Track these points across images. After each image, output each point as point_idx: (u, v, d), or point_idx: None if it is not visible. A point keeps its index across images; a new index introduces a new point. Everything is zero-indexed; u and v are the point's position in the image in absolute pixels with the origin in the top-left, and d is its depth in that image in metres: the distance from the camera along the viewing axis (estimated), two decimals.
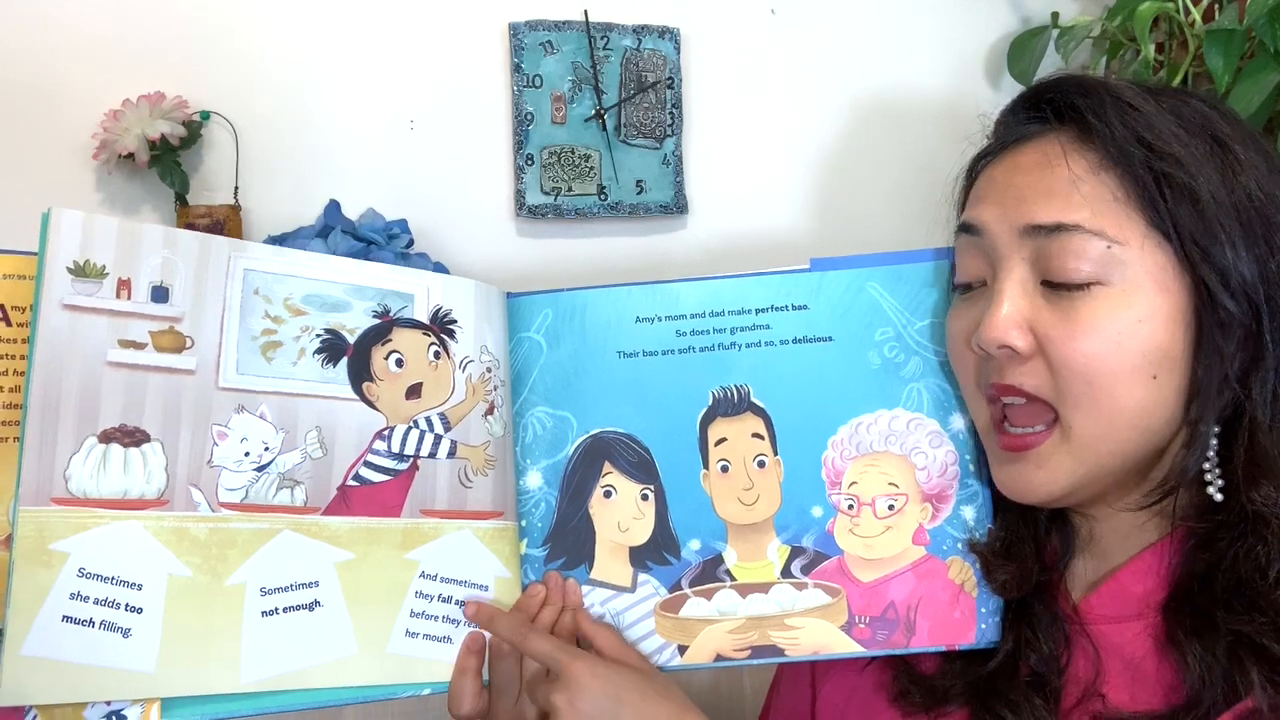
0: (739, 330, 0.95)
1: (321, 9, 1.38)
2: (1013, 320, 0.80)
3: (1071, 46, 1.37)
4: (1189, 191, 0.78)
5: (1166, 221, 0.78)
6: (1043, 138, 0.84)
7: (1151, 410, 0.79)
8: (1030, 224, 0.81)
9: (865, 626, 0.90)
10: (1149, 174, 0.78)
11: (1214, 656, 0.77)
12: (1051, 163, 0.81)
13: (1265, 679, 0.74)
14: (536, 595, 0.91)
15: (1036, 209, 0.81)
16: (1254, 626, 0.76)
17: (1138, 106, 0.81)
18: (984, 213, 0.84)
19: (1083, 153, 0.81)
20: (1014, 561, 0.88)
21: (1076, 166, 0.80)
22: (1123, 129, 0.79)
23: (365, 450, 0.88)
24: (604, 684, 0.83)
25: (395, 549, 0.88)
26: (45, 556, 0.77)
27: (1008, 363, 0.81)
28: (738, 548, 0.93)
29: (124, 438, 0.80)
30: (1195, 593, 0.80)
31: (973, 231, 0.85)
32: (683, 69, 1.44)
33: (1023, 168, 0.83)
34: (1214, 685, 0.76)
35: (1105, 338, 0.78)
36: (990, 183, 0.86)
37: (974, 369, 0.86)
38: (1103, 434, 0.80)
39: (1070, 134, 0.82)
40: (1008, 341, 0.80)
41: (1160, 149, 0.79)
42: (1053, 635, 0.86)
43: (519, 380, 0.96)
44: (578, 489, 0.94)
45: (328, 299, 0.88)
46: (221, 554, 0.82)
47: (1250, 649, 0.76)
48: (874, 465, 0.93)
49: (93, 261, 0.80)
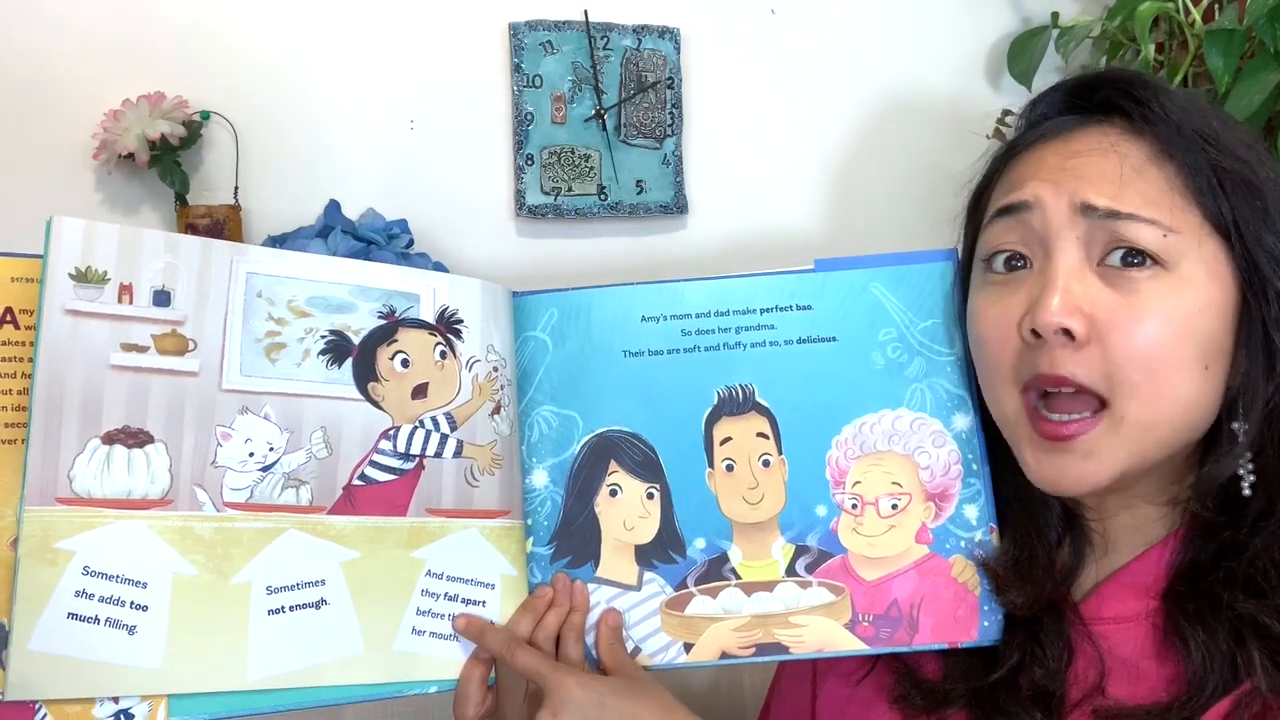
0: (744, 330, 0.95)
1: (322, 9, 1.38)
2: (1070, 302, 0.77)
3: (1071, 46, 1.38)
4: (1246, 184, 0.78)
5: (1227, 214, 0.78)
6: (1094, 127, 0.83)
7: (1201, 402, 0.79)
8: (1089, 202, 0.79)
9: (869, 624, 0.91)
10: (1207, 166, 0.78)
11: (1216, 641, 0.77)
12: (1113, 148, 0.80)
13: (1267, 658, 0.75)
14: (544, 597, 0.91)
15: (1097, 188, 0.79)
16: (1260, 608, 0.76)
17: (1183, 101, 0.81)
18: (1036, 189, 0.82)
19: (1135, 143, 0.80)
20: (1028, 583, 0.87)
21: (1132, 157, 0.79)
22: (1177, 121, 0.79)
23: (371, 450, 0.88)
24: (588, 693, 0.83)
25: (401, 547, 0.88)
26: (51, 555, 0.77)
27: (1060, 350, 0.78)
28: (743, 546, 0.93)
29: (127, 439, 0.80)
30: (1202, 579, 0.80)
31: (1021, 209, 0.82)
32: (683, 69, 1.44)
33: (1079, 151, 0.82)
34: (1216, 669, 0.76)
35: (1168, 323, 0.77)
36: (1040, 163, 0.83)
37: (1011, 356, 0.83)
38: (1155, 424, 0.78)
39: (1121, 126, 0.81)
40: (1067, 325, 0.77)
41: (1217, 142, 0.79)
42: (1058, 647, 0.85)
43: (525, 379, 0.96)
44: (583, 487, 0.94)
45: (332, 300, 0.89)
46: (226, 553, 0.82)
47: (1253, 629, 0.76)
48: (878, 464, 0.93)
49: (94, 267, 0.81)
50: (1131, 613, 0.83)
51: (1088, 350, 0.78)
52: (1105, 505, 0.87)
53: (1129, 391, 0.77)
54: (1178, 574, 0.82)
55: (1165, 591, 0.82)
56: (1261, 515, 0.79)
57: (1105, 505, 0.87)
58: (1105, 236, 0.78)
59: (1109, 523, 0.87)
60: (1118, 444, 0.78)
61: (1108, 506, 0.87)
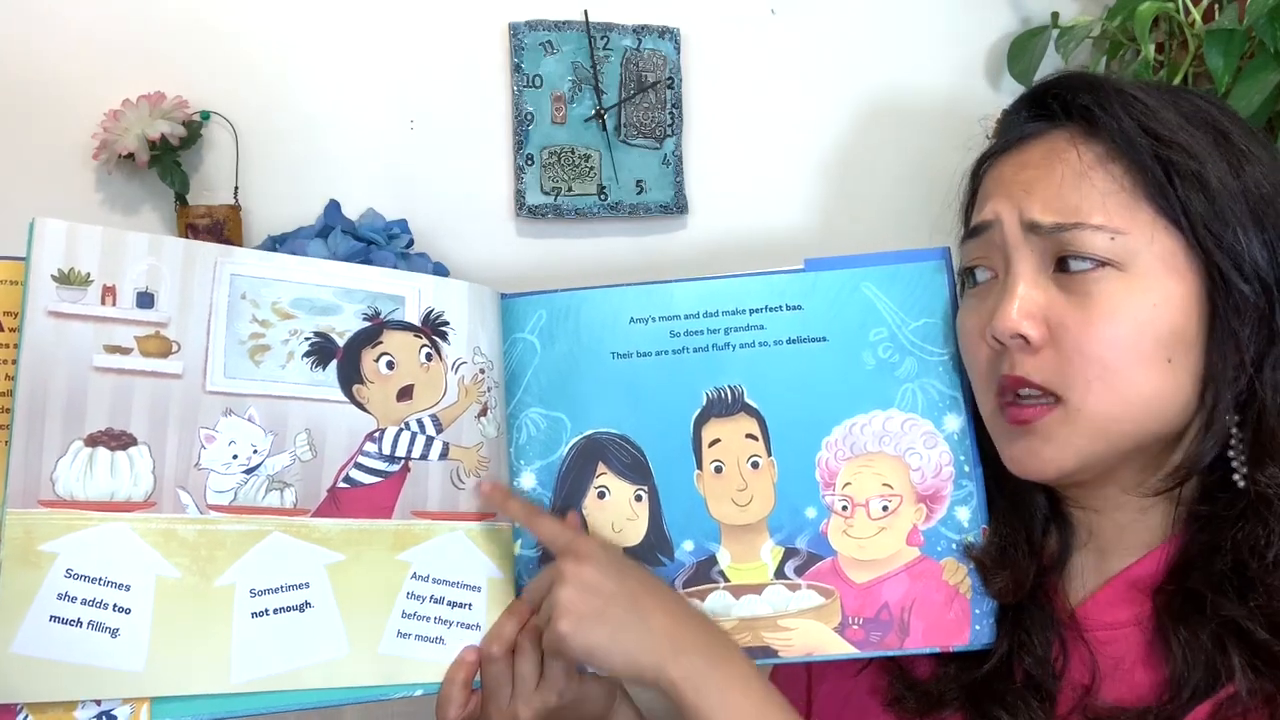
0: (733, 331, 0.95)
1: (322, 9, 1.38)
2: (1025, 310, 0.81)
3: (1071, 46, 1.37)
4: (1197, 178, 0.79)
5: (1176, 208, 0.79)
6: (1049, 134, 0.85)
7: (1167, 394, 0.80)
8: (1034, 220, 0.82)
9: (859, 628, 0.90)
10: (1156, 162, 0.79)
11: (1198, 642, 0.77)
12: (1059, 157, 0.82)
13: (1246, 664, 0.75)
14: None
15: (1043, 204, 0.82)
16: (1242, 611, 0.76)
17: (1141, 99, 0.82)
18: (996, 207, 0.85)
19: (1090, 145, 0.82)
20: (1008, 568, 0.88)
21: (1084, 159, 0.81)
22: (1129, 120, 0.81)
23: (356, 452, 0.88)
24: (612, 554, 0.86)
25: (386, 550, 0.88)
26: (33, 557, 0.78)
27: (1019, 354, 0.82)
28: (731, 549, 0.92)
29: (110, 441, 0.80)
30: (1188, 576, 0.80)
31: (983, 229, 0.86)
32: (683, 69, 1.43)
33: (1030, 163, 0.84)
34: (1196, 672, 0.77)
35: (1122, 321, 0.79)
36: (998, 180, 0.87)
37: (985, 361, 0.86)
38: (1117, 416, 0.80)
39: (1077, 129, 0.83)
40: (1020, 331, 0.81)
41: (1167, 138, 0.80)
42: (1047, 637, 0.86)
43: (513, 381, 0.96)
44: (571, 490, 0.94)
45: (317, 302, 0.88)
46: (210, 555, 0.82)
47: (1235, 634, 0.76)
48: (868, 466, 0.92)
49: (77, 269, 0.81)
50: (1127, 618, 0.83)
51: (1044, 353, 0.81)
52: (1085, 496, 0.87)
53: (1083, 387, 0.79)
54: (1169, 572, 0.82)
55: (1156, 589, 0.82)
56: (1246, 508, 0.79)
57: (1085, 496, 0.87)
58: (1055, 247, 0.81)
59: (1096, 520, 0.88)
60: (1074, 433, 0.81)
61: (1089, 498, 0.87)
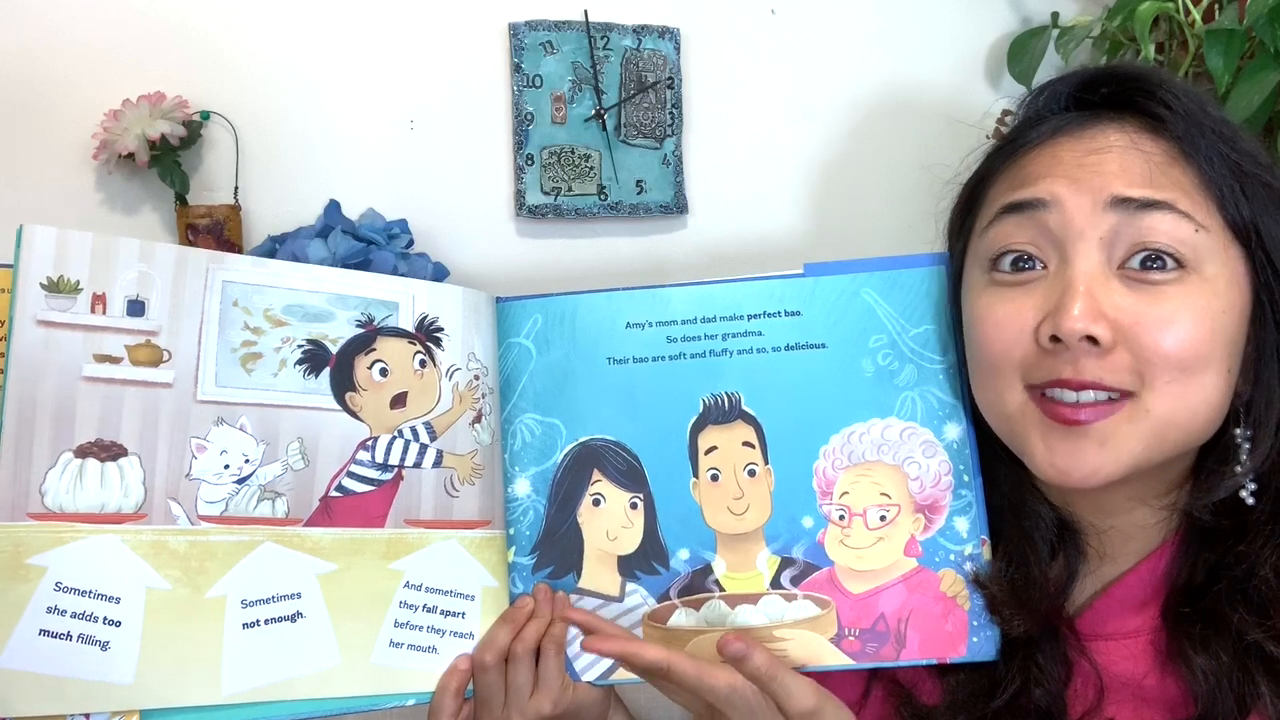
0: (731, 336, 0.94)
1: (322, 9, 1.37)
2: (1093, 309, 0.74)
3: (1071, 46, 1.36)
4: (1266, 187, 0.76)
5: (1245, 217, 0.76)
6: (1106, 123, 0.80)
7: (1221, 405, 0.77)
8: (1119, 196, 0.75)
9: (855, 639, 0.89)
10: (1229, 170, 0.76)
11: (1221, 666, 0.75)
12: (1131, 145, 0.77)
13: (1275, 692, 0.73)
14: (524, 608, 0.90)
15: (1127, 181, 0.76)
16: (1264, 633, 0.74)
17: (1198, 98, 0.78)
18: (1052, 187, 0.78)
19: (1156, 141, 0.77)
20: (1026, 608, 0.84)
21: (1163, 151, 0.77)
22: (1196, 119, 0.77)
23: (348, 461, 0.88)
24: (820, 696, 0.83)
25: (379, 559, 0.87)
26: (22, 571, 0.77)
27: (1085, 357, 0.75)
28: (727, 558, 0.92)
29: (100, 452, 0.80)
30: (1202, 597, 0.78)
31: (1034, 207, 0.79)
32: (683, 69, 1.42)
33: (1098, 148, 0.78)
34: (1224, 697, 0.75)
35: (1199, 323, 0.74)
36: (1054, 160, 0.80)
37: (1020, 358, 0.79)
38: (1179, 422, 0.76)
39: (1137, 124, 0.79)
40: (1092, 332, 0.74)
41: (1234, 143, 0.77)
42: (1055, 665, 0.83)
43: (508, 386, 0.95)
44: (566, 497, 0.93)
45: (309, 309, 0.88)
46: (201, 566, 0.82)
47: (1260, 660, 0.74)
48: (866, 475, 0.91)
49: (66, 277, 0.80)
50: (1130, 629, 0.82)
51: (1114, 355, 0.75)
52: (1105, 504, 0.84)
53: (1161, 390, 0.75)
54: (1177, 589, 0.80)
55: (1165, 608, 0.80)
56: (1263, 525, 0.77)
57: (1105, 504, 0.84)
58: (1130, 237, 0.75)
59: (1104, 535, 0.85)
60: (1135, 434, 0.75)
61: (1107, 506, 0.84)
